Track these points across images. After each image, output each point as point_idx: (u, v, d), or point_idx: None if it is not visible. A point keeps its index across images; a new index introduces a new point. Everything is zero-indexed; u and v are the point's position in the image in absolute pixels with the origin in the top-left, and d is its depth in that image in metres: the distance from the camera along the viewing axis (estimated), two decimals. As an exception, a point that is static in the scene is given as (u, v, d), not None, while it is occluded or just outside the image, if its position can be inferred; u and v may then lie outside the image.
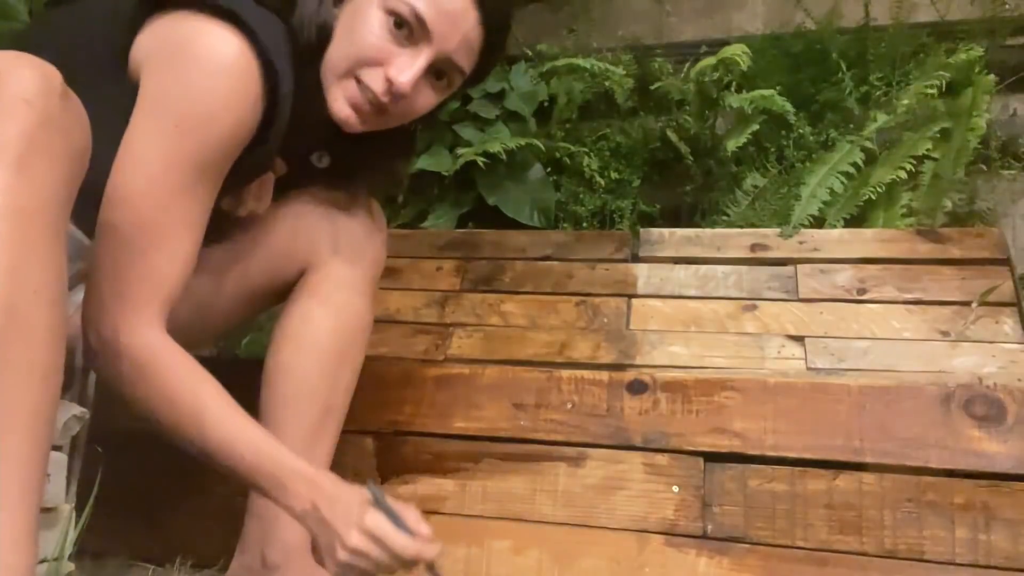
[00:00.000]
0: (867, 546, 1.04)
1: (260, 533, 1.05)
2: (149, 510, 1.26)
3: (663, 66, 1.94)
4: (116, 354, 0.83)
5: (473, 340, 1.49)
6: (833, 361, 1.33)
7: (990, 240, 1.44)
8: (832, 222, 1.56)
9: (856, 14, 1.92)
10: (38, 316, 0.63)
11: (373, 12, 0.91)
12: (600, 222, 1.87)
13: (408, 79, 0.91)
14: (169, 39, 0.85)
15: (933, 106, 1.59)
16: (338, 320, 1.07)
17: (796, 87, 1.83)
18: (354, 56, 0.92)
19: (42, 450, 0.63)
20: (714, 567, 1.07)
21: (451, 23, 0.92)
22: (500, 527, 1.15)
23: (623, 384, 1.19)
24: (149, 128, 0.84)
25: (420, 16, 0.90)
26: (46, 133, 0.64)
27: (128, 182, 0.83)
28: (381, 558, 0.82)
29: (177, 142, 0.83)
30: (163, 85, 0.84)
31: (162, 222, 0.84)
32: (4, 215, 0.61)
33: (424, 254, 1.67)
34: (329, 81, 0.94)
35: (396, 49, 0.92)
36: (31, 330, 0.63)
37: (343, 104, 0.94)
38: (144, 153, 0.83)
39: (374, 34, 0.91)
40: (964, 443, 1.05)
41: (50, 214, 0.65)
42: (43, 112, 0.64)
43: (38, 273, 0.63)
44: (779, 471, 1.09)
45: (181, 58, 0.84)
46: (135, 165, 0.83)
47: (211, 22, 0.83)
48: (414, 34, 0.92)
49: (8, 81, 0.64)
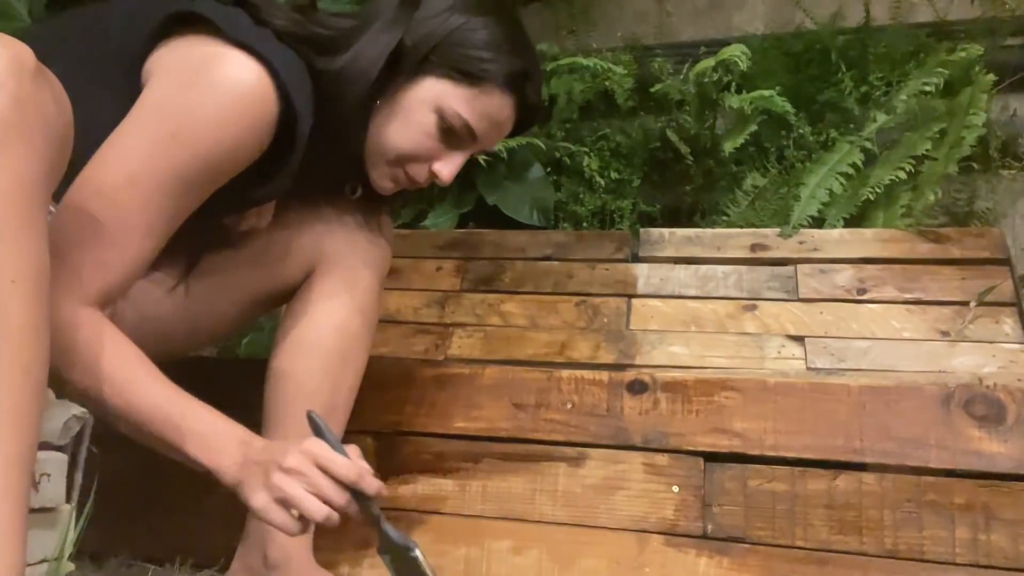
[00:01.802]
0: (867, 546, 1.04)
1: (262, 533, 1.06)
2: (149, 510, 1.26)
3: (663, 66, 1.94)
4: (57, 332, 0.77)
5: (473, 340, 1.49)
6: (833, 361, 1.33)
7: (990, 240, 1.44)
8: (832, 222, 1.56)
9: (856, 14, 1.92)
10: (15, 307, 0.61)
11: (426, 114, 0.96)
12: (600, 222, 1.87)
13: (450, 174, 1.00)
14: (190, 56, 0.85)
15: (933, 106, 1.59)
16: (342, 321, 1.07)
17: (796, 87, 1.83)
18: (405, 152, 0.98)
19: (26, 446, 0.61)
20: (714, 567, 1.07)
21: (496, 131, 1.01)
22: (500, 527, 1.15)
23: (623, 384, 1.19)
24: (145, 129, 0.83)
25: (471, 128, 0.97)
26: (18, 114, 0.61)
27: (107, 173, 0.82)
28: (318, 480, 0.78)
29: (168, 150, 0.82)
30: (170, 92, 0.84)
31: (127, 223, 0.82)
32: None
33: (424, 254, 1.67)
34: (376, 160, 1.00)
35: (442, 148, 0.99)
36: (7, 322, 0.60)
37: (388, 183, 1.02)
38: (133, 151, 0.83)
39: (426, 135, 0.97)
40: (964, 443, 1.05)
41: (26, 199, 0.62)
42: (14, 92, 0.61)
43: (14, 260, 0.61)
44: (779, 471, 1.09)
45: (197, 74, 0.84)
46: (120, 159, 0.82)
47: (237, 50, 0.84)
48: (461, 139, 0.99)
49: None
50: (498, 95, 0.98)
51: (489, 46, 0.96)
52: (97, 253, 0.82)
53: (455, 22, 0.95)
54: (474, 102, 0.97)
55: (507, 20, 1.01)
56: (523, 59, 1.00)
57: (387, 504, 1.20)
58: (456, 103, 0.96)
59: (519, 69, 0.98)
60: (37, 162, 0.63)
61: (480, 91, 0.97)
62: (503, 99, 0.99)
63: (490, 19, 0.97)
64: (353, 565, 1.17)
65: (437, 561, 1.15)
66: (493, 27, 0.97)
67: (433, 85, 0.96)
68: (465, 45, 0.95)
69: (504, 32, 0.98)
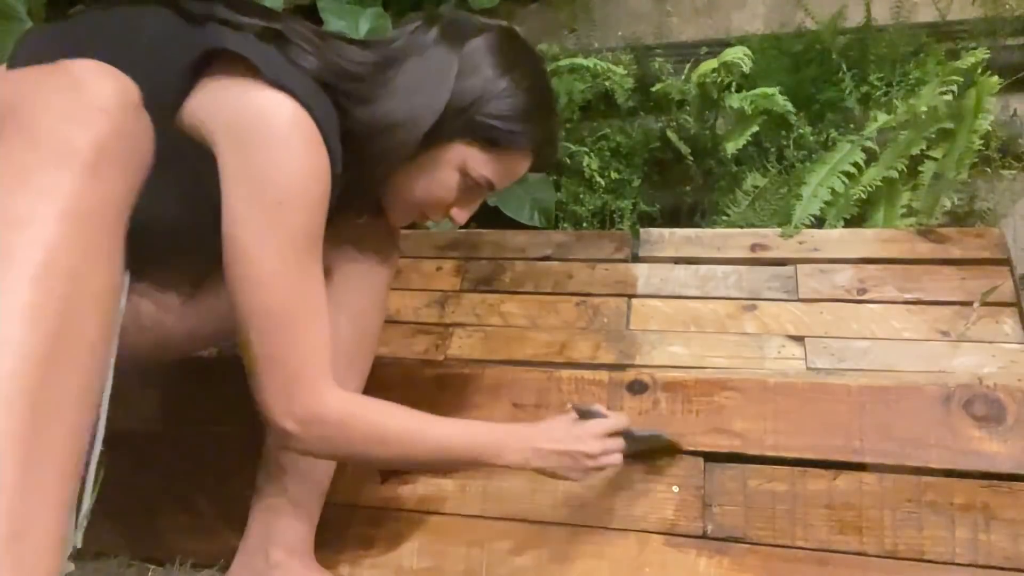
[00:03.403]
0: (867, 546, 1.04)
1: (264, 532, 1.06)
2: (149, 510, 1.26)
3: (663, 66, 1.94)
4: (321, 426, 0.89)
5: (473, 340, 1.49)
6: (833, 361, 1.33)
7: (990, 240, 1.44)
8: (832, 222, 1.56)
9: (857, 14, 1.92)
10: (92, 323, 0.63)
11: (451, 173, 0.98)
12: (600, 222, 1.87)
13: (465, 219, 1.04)
14: (239, 113, 0.84)
15: (933, 106, 1.59)
16: (350, 324, 1.08)
17: (796, 87, 1.83)
18: (428, 204, 1.01)
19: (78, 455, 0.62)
20: (714, 567, 1.07)
21: (512, 179, 1.03)
22: (500, 527, 1.15)
23: (623, 384, 1.19)
24: (254, 212, 0.84)
25: (491, 184, 1.00)
26: (118, 143, 0.66)
27: (257, 268, 0.84)
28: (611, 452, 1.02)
29: (286, 219, 0.84)
30: (252, 167, 0.83)
31: (301, 296, 0.87)
32: (70, 218, 0.62)
33: (424, 254, 1.67)
34: (394, 203, 1.02)
35: (461, 196, 1.01)
36: (83, 336, 0.63)
37: (403, 221, 1.06)
38: (260, 237, 0.84)
39: (448, 190, 0.99)
40: (964, 443, 1.05)
41: (113, 223, 0.66)
42: (118, 123, 0.66)
43: (97, 280, 0.64)
44: (779, 471, 1.09)
45: (260, 136, 0.83)
46: (256, 250, 0.84)
47: (275, 92, 0.83)
48: (481, 191, 1.02)
49: (88, 90, 0.66)
50: (521, 157, 1.01)
51: (521, 117, 0.97)
52: (305, 339, 0.88)
53: (495, 88, 0.95)
54: (497, 164, 0.99)
55: (539, 77, 1.01)
56: (548, 125, 1.03)
57: (387, 504, 1.21)
58: (481, 166, 0.98)
59: (543, 137, 1.01)
60: (125, 188, 0.67)
61: (505, 154, 0.99)
62: (525, 159, 1.02)
63: (524, 81, 0.97)
64: (353, 565, 1.17)
65: (437, 561, 1.15)
66: (526, 93, 0.97)
67: (461, 150, 0.97)
68: (500, 116, 0.95)
69: (535, 99, 0.99)
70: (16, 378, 0.57)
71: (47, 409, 0.59)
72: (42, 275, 0.60)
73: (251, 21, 0.88)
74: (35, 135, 0.64)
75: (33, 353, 0.58)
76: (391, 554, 1.17)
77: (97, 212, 0.64)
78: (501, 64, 0.96)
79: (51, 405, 0.59)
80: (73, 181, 0.63)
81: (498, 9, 2.26)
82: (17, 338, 0.58)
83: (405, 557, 1.17)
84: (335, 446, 0.92)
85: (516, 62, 0.98)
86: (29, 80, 0.70)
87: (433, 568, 1.15)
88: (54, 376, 0.60)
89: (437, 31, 0.96)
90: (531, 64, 1.01)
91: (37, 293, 0.59)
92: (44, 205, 0.61)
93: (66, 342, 0.61)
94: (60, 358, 0.60)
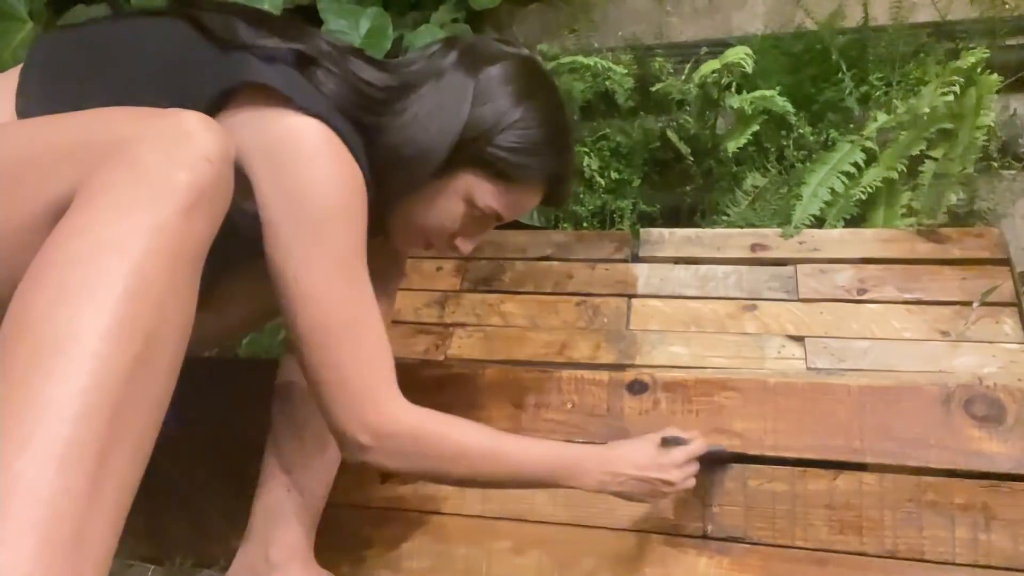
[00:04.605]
0: (867, 546, 1.04)
1: (264, 532, 1.06)
2: (149, 510, 1.26)
3: (663, 66, 1.94)
4: (394, 440, 0.89)
5: (473, 340, 1.49)
6: (833, 361, 1.33)
7: (990, 240, 1.44)
8: (832, 222, 1.56)
9: (856, 14, 1.92)
10: (169, 353, 0.66)
11: (457, 202, 0.97)
12: (600, 222, 1.87)
13: (469, 250, 1.03)
14: (274, 138, 0.84)
15: (934, 107, 1.59)
16: None
17: (796, 87, 1.83)
18: (432, 232, 1.00)
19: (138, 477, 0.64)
20: (714, 567, 1.07)
21: (520, 212, 1.02)
22: (500, 527, 1.15)
23: (623, 384, 1.19)
24: (300, 233, 0.84)
25: (499, 215, 0.99)
26: (213, 192, 0.71)
27: (308, 288, 0.85)
28: (686, 478, 1.01)
29: (330, 236, 0.85)
30: (291, 188, 0.84)
31: (357, 311, 0.88)
32: (165, 254, 0.66)
33: (424, 254, 1.67)
34: (398, 229, 1.01)
35: (466, 226, 1.00)
36: (160, 364, 0.65)
37: (407, 247, 1.07)
38: (307, 256, 0.84)
39: (453, 220, 0.98)
40: (964, 443, 1.05)
41: (196, 264, 0.70)
42: (218, 171, 0.71)
43: (179, 315, 0.68)
44: (779, 471, 1.10)
45: (297, 156, 0.84)
46: (305, 270, 0.85)
47: (301, 116, 0.84)
48: (487, 222, 1.01)
49: (197, 139, 0.71)
50: (530, 190, 0.99)
51: (532, 150, 0.95)
52: (368, 352, 0.88)
53: (508, 119, 0.93)
54: (506, 196, 0.97)
55: (555, 110, 0.98)
56: (561, 161, 1.00)
57: (387, 504, 1.21)
58: (489, 197, 0.96)
59: (555, 172, 0.99)
60: (210, 233, 0.72)
61: (514, 187, 0.97)
62: (535, 194, 1.00)
63: (539, 113, 0.95)
64: (354, 565, 1.17)
65: (437, 561, 1.16)
66: (540, 126, 0.95)
67: (468, 179, 0.95)
68: (510, 148, 0.93)
69: (549, 133, 0.96)
70: (100, 391, 0.60)
71: (122, 427, 0.61)
72: (134, 300, 0.63)
73: (275, 45, 0.87)
74: (143, 172, 0.68)
75: (117, 370, 0.61)
76: (391, 554, 1.17)
77: (187, 251, 0.68)
78: (516, 94, 0.94)
79: (126, 423, 0.61)
80: (171, 220, 0.67)
81: (498, 9, 2.26)
82: (104, 353, 0.60)
83: (405, 557, 1.17)
84: (410, 461, 0.91)
85: (532, 93, 0.95)
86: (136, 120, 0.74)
87: (433, 568, 1.15)
88: (132, 397, 0.62)
89: (455, 55, 0.95)
90: (548, 96, 0.98)
91: (127, 316, 0.62)
92: (143, 238, 0.65)
93: (146, 367, 0.63)
94: (139, 380, 0.63)
